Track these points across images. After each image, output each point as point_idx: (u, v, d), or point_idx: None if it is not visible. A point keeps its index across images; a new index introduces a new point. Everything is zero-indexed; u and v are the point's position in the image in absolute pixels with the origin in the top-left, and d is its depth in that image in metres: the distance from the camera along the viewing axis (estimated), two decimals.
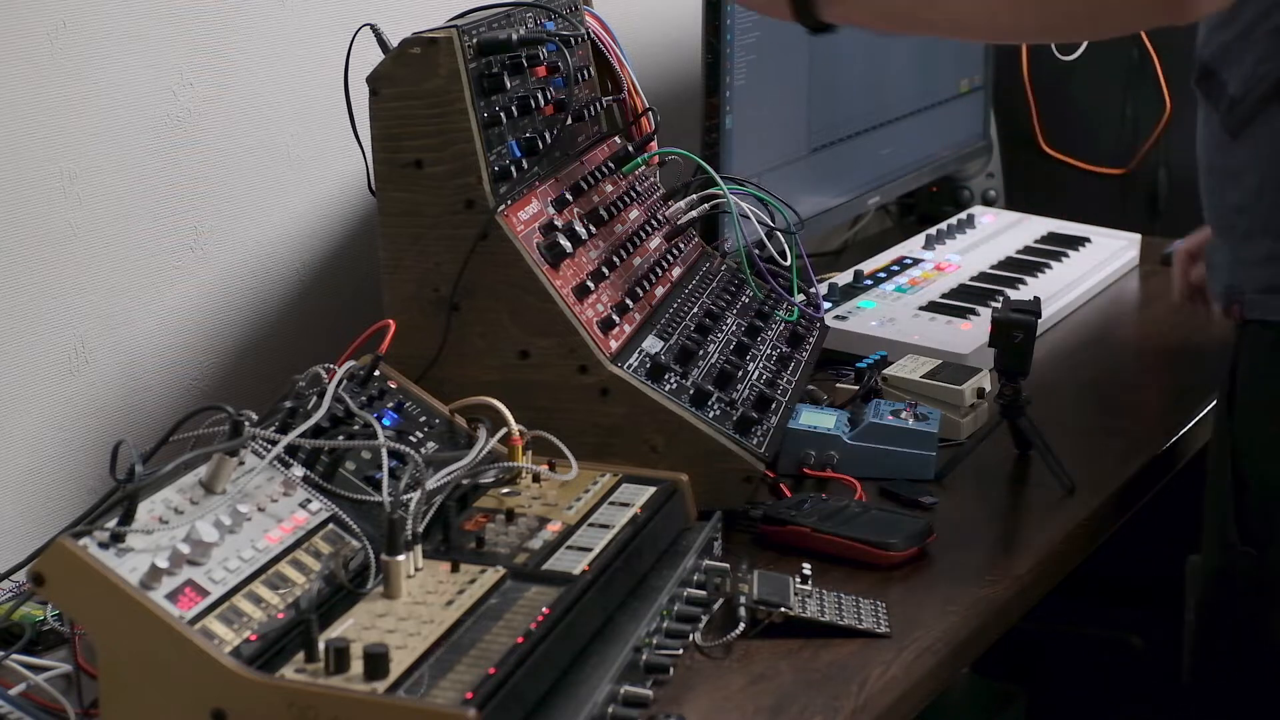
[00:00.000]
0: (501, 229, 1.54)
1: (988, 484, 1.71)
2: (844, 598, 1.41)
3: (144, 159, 1.67)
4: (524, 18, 1.70)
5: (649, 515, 1.39)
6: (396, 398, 1.49)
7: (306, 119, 1.85)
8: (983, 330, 1.82)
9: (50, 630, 1.37)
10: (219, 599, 1.16)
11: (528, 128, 1.66)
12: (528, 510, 1.38)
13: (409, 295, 1.57)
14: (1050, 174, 2.82)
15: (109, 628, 1.12)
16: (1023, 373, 1.70)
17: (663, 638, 1.30)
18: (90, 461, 1.64)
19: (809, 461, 1.68)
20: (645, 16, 2.29)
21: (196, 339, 1.76)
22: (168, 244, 1.71)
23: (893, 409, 1.72)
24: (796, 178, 2.22)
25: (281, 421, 1.35)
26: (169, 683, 1.11)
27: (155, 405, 1.71)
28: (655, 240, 1.80)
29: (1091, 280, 2.34)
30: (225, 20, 1.74)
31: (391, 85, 1.55)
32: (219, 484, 1.24)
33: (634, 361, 1.57)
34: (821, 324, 1.90)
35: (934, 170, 2.64)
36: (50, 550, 1.13)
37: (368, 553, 1.27)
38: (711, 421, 1.55)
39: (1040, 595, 1.55)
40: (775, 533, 1.53)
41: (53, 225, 1.59)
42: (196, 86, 1.71)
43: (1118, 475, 1.71)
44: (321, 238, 1.90)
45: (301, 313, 1.88)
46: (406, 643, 1.15)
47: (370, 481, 1.36)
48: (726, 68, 2.03)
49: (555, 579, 1.26)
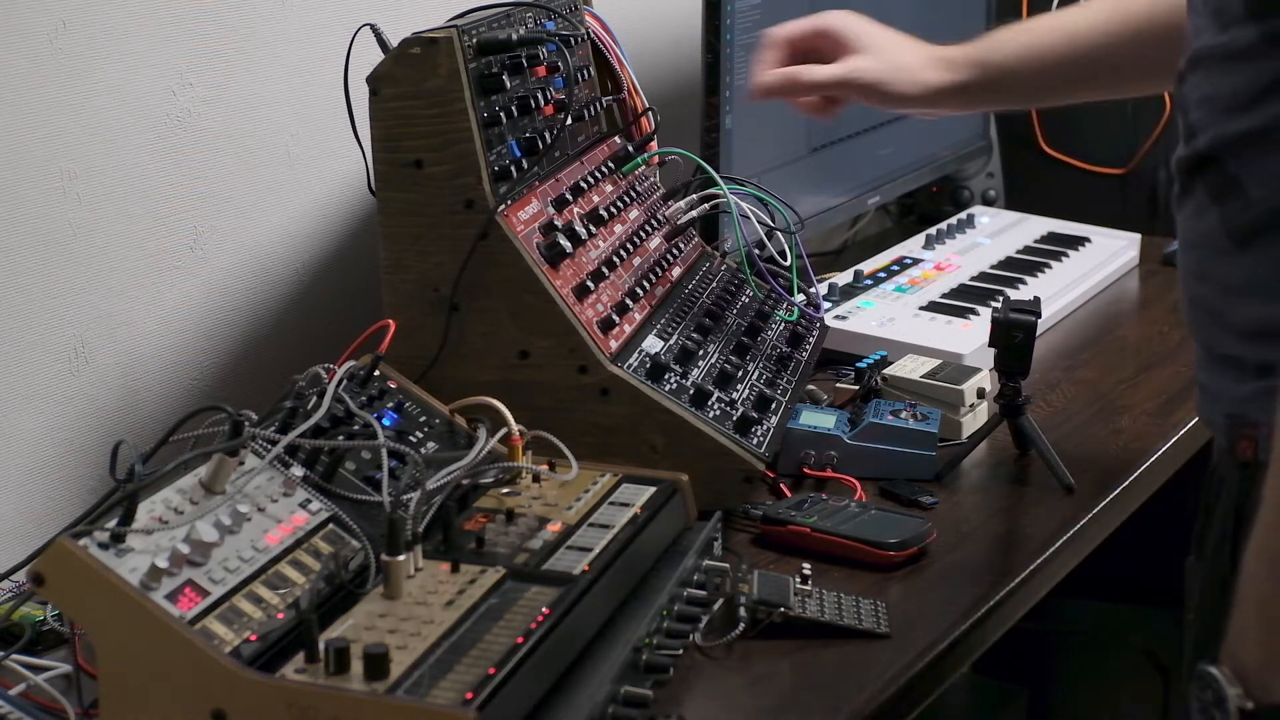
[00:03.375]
0: (501, 229, 1.54)
1: (988, 484, 1.71)
2: (844, 598, 1.41)
3: (144, 159, 1.67)
4: (524, 18, 1.70)
5: (649, 515, 1.39)
6: (396, 398, 1.49)
7: (306, 119, 1.85)
8: (983, 330, 1.82)
9: (50, 630, 1.37)
10: (219, 599, 1.16)
11: (528, 128, 1.66)
12: (528, 510, 1.38)
13: (409, 295, 1.57)
14: (1050, 174, 2.82)
15: (109, 628, 1.12)
16: (1023, 373, 1.70)
17: (663, 638, 1.30)
18: (90, 461, 1.64)
19: (809, 461, 1.68)
20: (645, 16, 2.29)
21: (196, 339, 1.76)
22: (168, 244, 1.71)
23: (893, 409, 1.72)
24: (796, 178, 2.22)
25: (281, 421, 1.35)
26: (169, 683, 1.11)
27: (155, 405, 1.71)
28: (655, 240, 1.80)
29: (1091, 280, 2.34)
30: (225, 20, 1.74)
31: (391, 85, 1.55)
32: (219, 484, 1.24)
33: (634, 361, 1.57)
34: (821, 324, 1.90)
35: (934, 170, 2.64)
36: (50, 550, 1.13)
37: (368, 553, 1.27)
38: (711, 421, 1.55)
39: (1040, 595, 1.55)
40: (775, 533, 1.53)
41: (53, 225, 1.59)
42: (196, 86, 1.71)
43: (1117, 475, 1.71)
44: (321, 238, 1.90)
45: (301, 313, 1.88)
46: (407, 643, 1.15)
47: (370, 481, 1.36)
48: (726, 68, 2.03)
49: (555, 579, 1.26)
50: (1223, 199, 1.27)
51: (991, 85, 1.66)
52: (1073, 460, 1.71)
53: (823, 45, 1.70)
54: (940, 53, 1.68)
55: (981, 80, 1.65)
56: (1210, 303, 1.31)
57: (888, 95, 1.69)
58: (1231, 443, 1.30)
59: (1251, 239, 1.25)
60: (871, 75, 1.66)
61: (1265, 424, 1.23)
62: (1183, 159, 1.31)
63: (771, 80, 1.67)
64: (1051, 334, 2.16)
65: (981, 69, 1.65)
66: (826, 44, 1.70)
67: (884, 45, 1.69)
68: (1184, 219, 1.33)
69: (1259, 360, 1.26)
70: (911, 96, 1.68)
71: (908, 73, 1.67)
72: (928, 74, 1.66)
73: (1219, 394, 1.31)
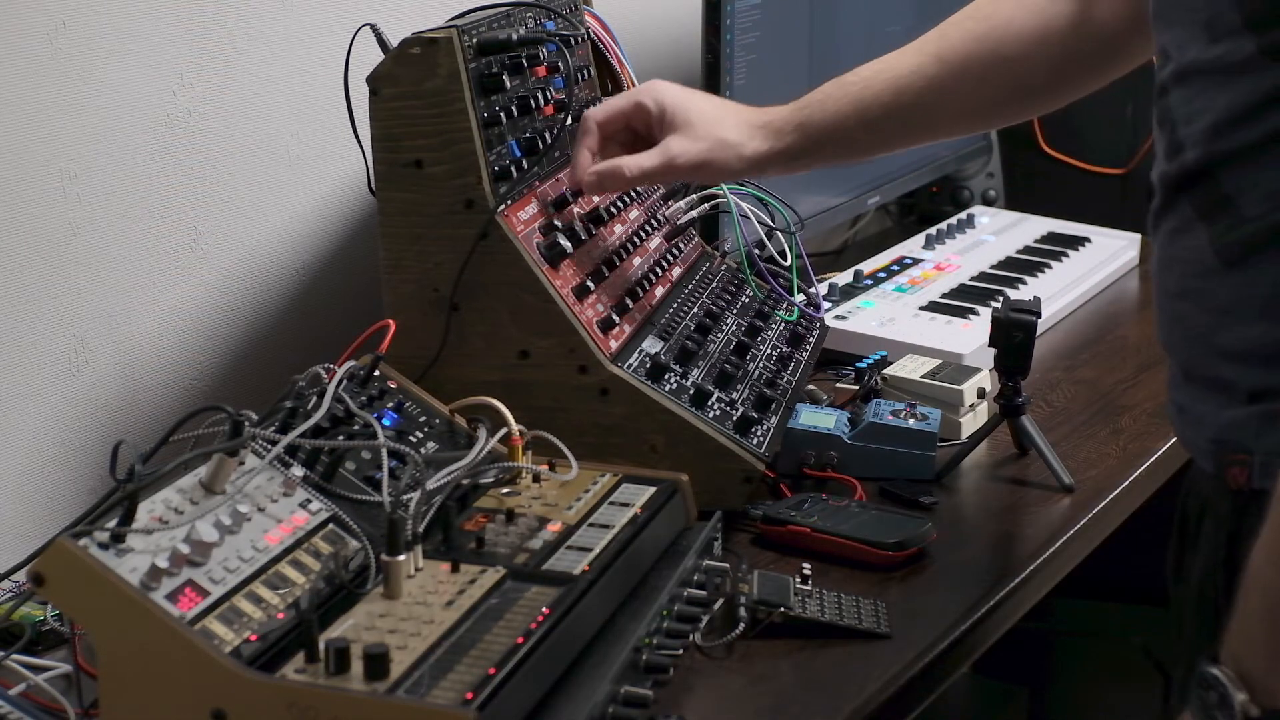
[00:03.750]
0: (501, 229, 1.54)
1: (988, 484, 1.71)
2: (844, 598, 1.41)
3: (144, 159, 1.67)
4: (524, 18, 1.70)
5: (649, 515, 1.39)
6: (396, 398, 1.49)
7: (306, 119, 1.85)
8: (983, 330, 1.82)
9: (50, 630, 1.37)
10: (219, 599, 1.16)
11: (528, 128, 1.66)
12: (528, 510, 1.38)
13: (409, 295, 1.57)
14: (1050, 174, 2.82)
15: (109, 628, 1.12)
16: (1023, 372, 1.70)
17: (663, 638, 1.30)
18: (90, 461, 1.64)
19: (809, 461, 1.68)
20: (645, 16, 2.29)
21: (196, 339, 1.76)
22: (168, 244, 1.71)
23: (893, 409, 1.72)
24: (796, 178, 2.20)
25: (281, 421, 1.35)
26: (169, 683, 1.11)
27: (155, 405, 1.71)
28: (655, 240, 1.80)
29: (1091, 280, 2.34)
30: (225, 20, 1.74)
31: (391, 85, 1.55)
32: (219, 484, 1.24)
33: (634, 361, 1.57)
34: (821, 324, 1.90)
35: (934, 170, 2.64)
36: (50, 550, 1.13)
37: (368, 553, 1.27)
38: (711, 421, 1.55)
39: (1040, 595, 1.55)
40: (775, 533, 1.53)
41: (53, 225, 1.59)
42: (196, 86, 1.71)
43: (1117, 475, 1.71)
44: (321, 238, 1.90)
45: (301, 313, 1.88)
46: (407, 643, 1.15)
47: (370, 481, 1.36)
48: (726, 68, 2.03)
49: (555, 579, 1.26)
50: (1212, 216, 1.23)
51: (815, 147, 1.61)
52: (1073, 460, 1.71)
53: (640, 123, 1.65)
54: (762, 117, 1.63)
55: (802, 143, 1.60)
56: (1193, 323, 1.26)
57: (710, 174, 1.66)
58: (1219, 468, 1.25)
59: (1243, 258, 1.21)
60: (690, 158, 1.61)
61: (1259, 451, 1.21)
62: (1167, 174, 1.27)
63: (594, 180, 1.62)
64: (1051, 334, 2.16)
65: (803, 132, 1.60)
66: (643, 121, 1.65)
67: (702, 119, 1.62)
68: (1163, 235, 1.29)
69: (1250, 385, 1.22)
70: (735, 171, 1.64)
71: (728, 149, 1.61)
72: (751, 145, 1.61)
73: (1202, 418, 1.27)
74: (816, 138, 1.61)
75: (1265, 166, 1.19)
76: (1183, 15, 1.24)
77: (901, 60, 1.60)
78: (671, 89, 1.64)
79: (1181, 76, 1.25)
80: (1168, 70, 1.27)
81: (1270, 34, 1.17)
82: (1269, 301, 1.20)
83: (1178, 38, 1.25)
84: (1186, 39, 1.24)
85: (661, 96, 1.63)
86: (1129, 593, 2.59)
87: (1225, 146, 1.21)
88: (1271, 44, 1.17)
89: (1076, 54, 1.57)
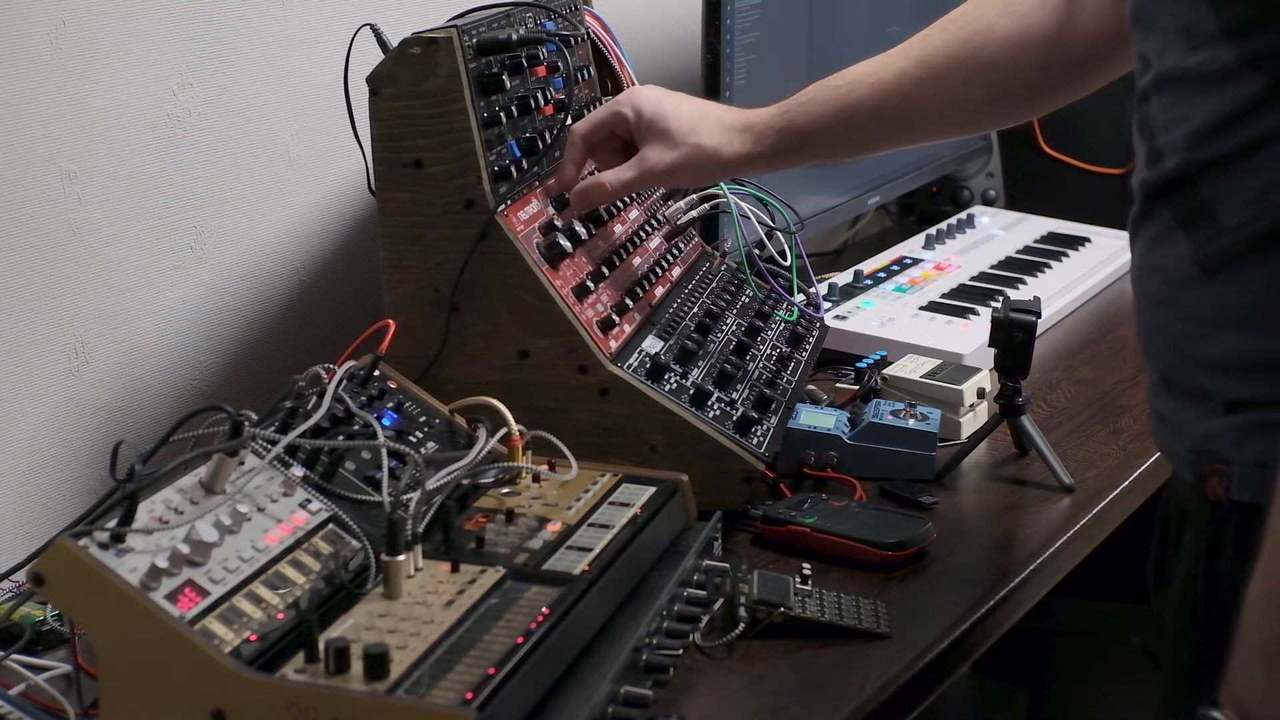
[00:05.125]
0: (501, 229, 1.54)
1: (988, 484, 1.71)
2: (844, 598, 1.41)
3: (144, 159, 1.67)
4: (524, 18, 1.70)
5: (649, 515, 1.39)
6: (396, 398, 1.49)
7: (306, 119, 1.85)
8: (983, 330, 1.82)
9: (50, 630, 1.37)
10: (219, 599, 1.16)
11: (528, 128, 1.66)
12: (528, 510, 1.38)
13: (409, 295, 1.57)
14: (1050, 174, 2.82)
15: (109, 628, 1.12)
16: (1023, 373, 1.70)
17: (663, 638, 1.30)
18: (90, 461, 1.64)
19: (809, 461, 1.68)
20: (645, 16, 2.29)
21: (196, 339, 1.76)
22: (168, 244, 1.71)
23: (893, 409, 1.72)
24: (796, 178, 2.20)
25: (281, 421, 1.35)
26: (169, 683, 1.11)
27: (155, 405, 1.71)
28: (655, 240, 1.80)
29: (1091, 280, 2.34)
30: (225, 20, 1.74)
31: (391, 85, 1.55)
32: (219, 484, 1.24)
33: (634, 361, 1.57)
34: (821, 324, 1.90)
35: (934, 170, 2.64)
36: (50, 550, 1.13)
37: (368, 553, 1.27)
38: (711, 421, 1.55)
39: (1040, 595, 1.55)
40: (775, 533, 1.53)
41: (53, 225, 1.59)
42: (196, 86, 1.71)
43: (1118, 475, 1.71)
44: (321, 238, 1.90)
45: (301, 313, 1.88)
46: (407, 643, 1.15)
47: (370, 481, 1.36)
48: (726, 68, 2.03)
49: (555, 579, 1.26)
50: (1191, 225, 1.22)
51: (797, 149, 1.61)
52: (1073, 460, 1.71)
53: (624, 131, 1.64)
54: (743, 119, 1.62)
55: (784, 145, 1.60)
56: (1173, 332, 1.26)
57: (689, 179, 1.67)
58: (1198, 479, 1.24)
59: (1221, 267, 1.20)
60: (666, 166, 1.61)
61: (1237, 462, 1.20)
62: (1147, 181, 1.27)
63: (577, 197, 1.64)
64: (1051, 334, 2.16)
65: (783, 134, 1.60)
66: (625, 130, 1.64)
67: (679, 126, 1.61)
68: (1144, 242, 1.29)
69: (1229, 395, 1.21)
70: (715, 174, 1.66)
71: (705, 154, 1.61)
72: (730, 148, 1.60)
73: (1181, 427, 1.26)
74: (798, 140, 1.61)
75: (1244, 175, 1.18)
76: (1161, 22, 1.23)
77: (886, 64, 1.60)
78: (650, 96, 1.64)
79: (1161, 84, 1.24)
80: (1147, 78, 1.26)
81: (1248, 42, 1.16)
82: (1248, 312, 1.19)
83: (1157, 45, 1.24)
84: (1166, 46, 1.23)
85: (640, 104, 1.62)
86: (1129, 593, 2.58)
87: (1204, 155, 1.20)
88: (1250, 52, 1.16)
89: (1058, 61, 1.56)
